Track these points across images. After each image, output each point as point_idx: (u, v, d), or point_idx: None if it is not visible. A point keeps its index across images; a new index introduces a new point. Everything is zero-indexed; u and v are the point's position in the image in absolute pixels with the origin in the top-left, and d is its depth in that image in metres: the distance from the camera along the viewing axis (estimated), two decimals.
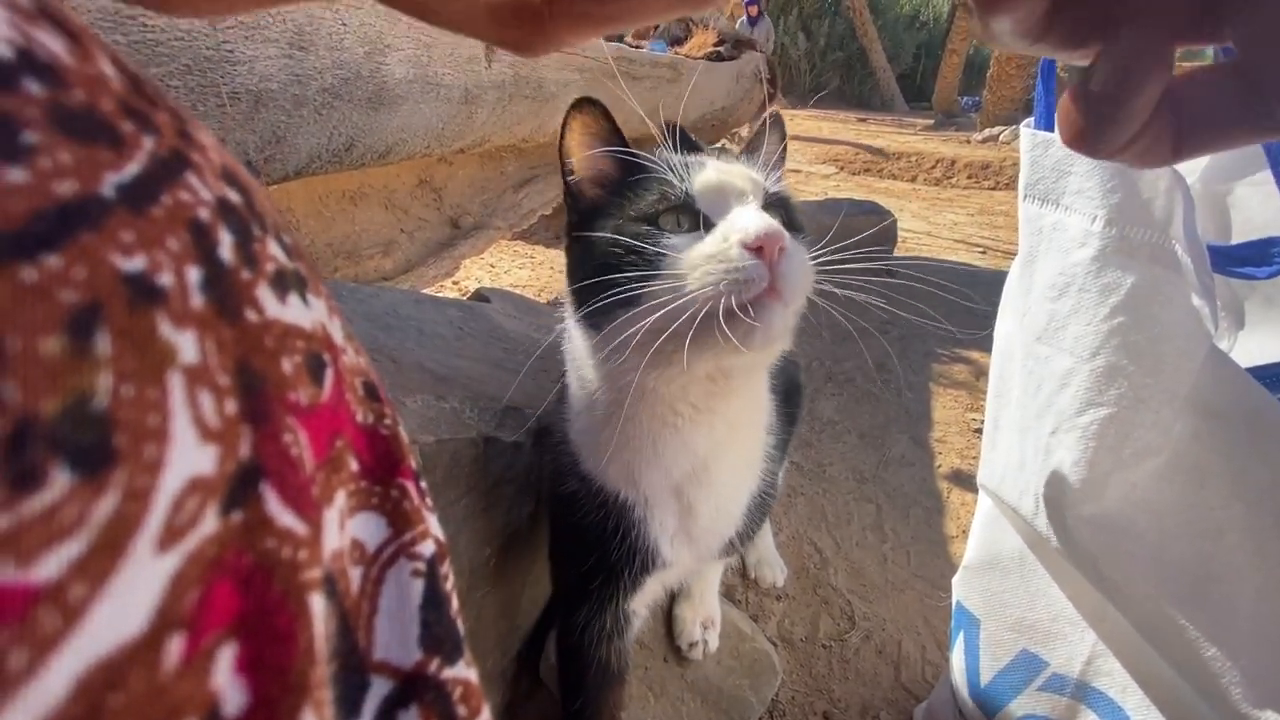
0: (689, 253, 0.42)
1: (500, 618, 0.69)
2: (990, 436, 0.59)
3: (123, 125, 0.14)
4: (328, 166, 0.87)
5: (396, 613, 0.20)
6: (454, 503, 0.61)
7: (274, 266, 0.16)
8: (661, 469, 0.51)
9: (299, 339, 0.17)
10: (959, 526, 1.14)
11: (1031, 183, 0.49)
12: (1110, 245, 0.43)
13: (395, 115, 0.92)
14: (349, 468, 0.19)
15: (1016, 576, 0.58)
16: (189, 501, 0.13)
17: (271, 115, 0.74)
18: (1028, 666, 0.58)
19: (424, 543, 0.21)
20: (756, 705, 0.74)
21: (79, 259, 0.12)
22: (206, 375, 0.14)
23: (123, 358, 0.12)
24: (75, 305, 0.12)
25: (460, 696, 0.21)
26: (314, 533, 0.16)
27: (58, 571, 0.11)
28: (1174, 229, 0.40)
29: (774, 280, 0.40)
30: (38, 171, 0.12)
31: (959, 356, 1.84)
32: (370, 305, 0.77)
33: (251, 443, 0.14)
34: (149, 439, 0.12)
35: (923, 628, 0.93)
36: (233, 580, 0.13)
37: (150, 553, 0.12)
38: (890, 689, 0.84)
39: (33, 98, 0.12)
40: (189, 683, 0.12)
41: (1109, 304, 0.43)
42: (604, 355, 0.47)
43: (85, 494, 0.11)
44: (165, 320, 0.13)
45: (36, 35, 0.13)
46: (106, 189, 0.13)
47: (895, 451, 1.35)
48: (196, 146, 0.16)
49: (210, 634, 0.13)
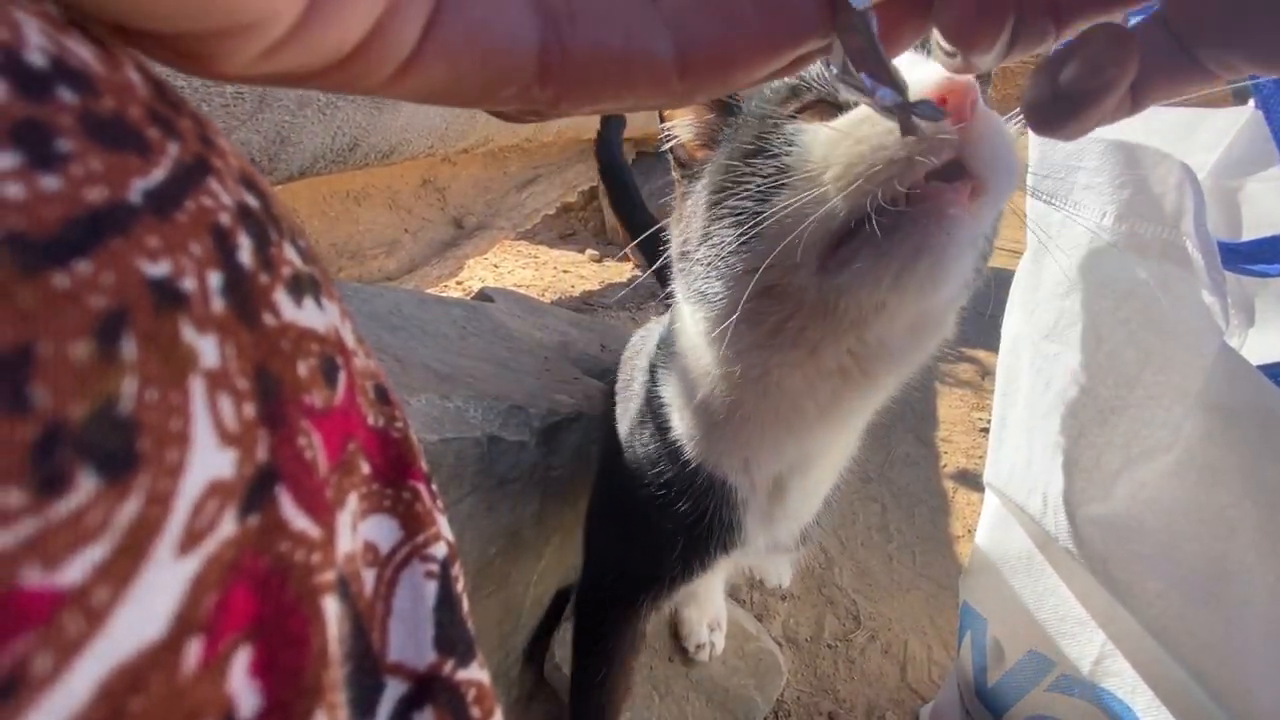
0: (823, 132, 0.30)
1: (504, 617, 0.69)
2: (997, 435, 0.59)
3: (149, 132, 0.14)
4: (332, 167, 0.87)
5: (410, 614, 0.20)
6: (458, 502, 0.61)
7: (290, 270, 0.17)
8: (773, 461, 0.47)
9: (314, 342, 0.17)
10: (964, 526, 1.13)
11: (1039, 179, 0.49)
12: (1120, 241, 0.42)
13: (398, 115, 0.92)
14: (361, 470, 0.19)
15: (1024, 576, 0.58)
16: (209, 505, 0.13)
17: (276, 115, 0.74)
18: (1036, 667, 0.58)
19: (436, 545, 0.21)
20: (761, 705, 0.74)
21: (108, 265, 0.12)
22: (226, 379, 0.14)
23: (147, 362, 0.12)
24: (103, 310, 0.12)
25: (474, 698, 0.21)
26: (328, 535, 0.16)
27: (82, 575, 0.11)
28: (1185, 224, 0.40)
29: (968, 154, 0.26)
30: (70, 179, 0.12)
31: (964, 355, 1.83)
32: (374, 305, 0.77)
33: (268, 446, 0.14)
34: (171, 443, 0.12)
35: (928, 627, 0.93)
36: (249, 583, 0.14)
37: (171, 556, 0.12)
38: (896, 689, 0.83)
39: (66, 105, 0.12)
40: (206, 686, 0.12)
41: (1118, 300, 0.43)
42: (717, 335, 0.38)
43: (110, 498, 0.11)
44: (188, 324, 0.13)
45: (68, 44, 0.13)
46: (134, 195, 0.13)
47: (900, 451, 1.34)
48: (217, 152, 0.16)
49: (227, 637, 0.13)
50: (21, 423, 0.10)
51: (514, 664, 0.72)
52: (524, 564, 0.70)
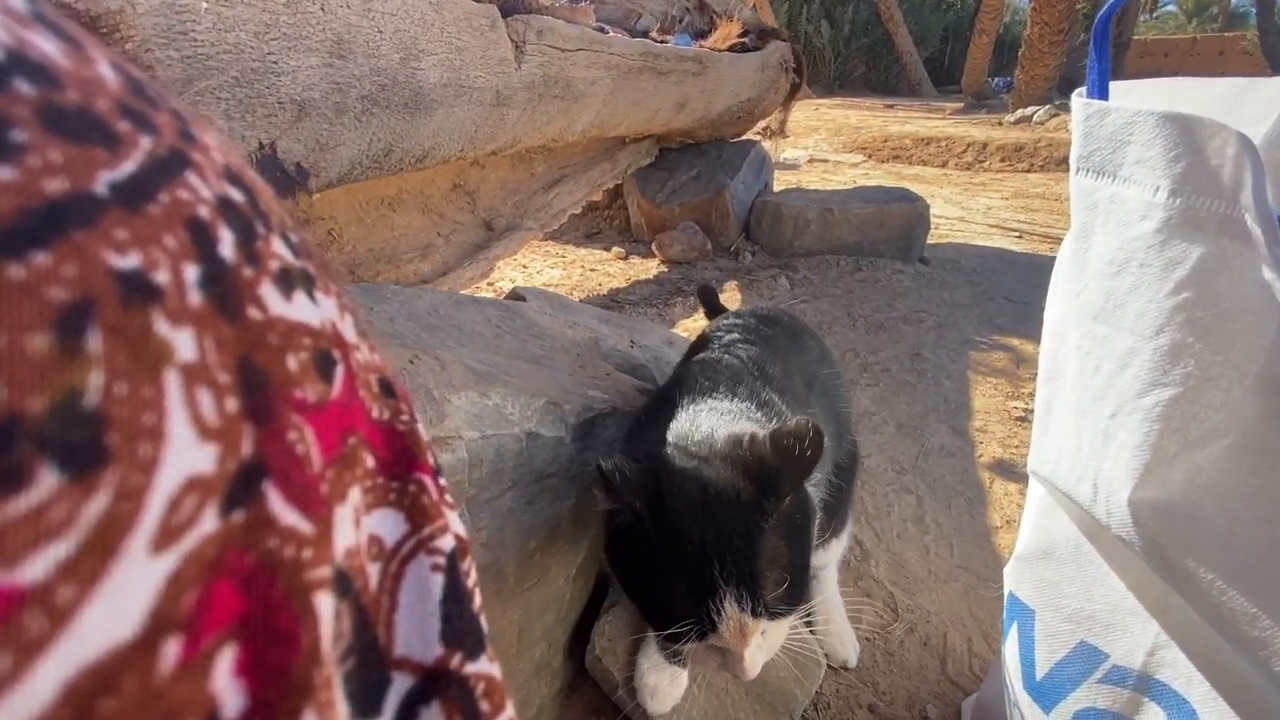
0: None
1: (545, 610, 0.70)
2: (1042, 421, 0.58)
3: (118, 125, 0.14)
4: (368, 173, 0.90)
5: (416, 608, 0.20)
6: (498, 497, 0.62)
7: (279, 264, 0.16)
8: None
9: (306, 336, 0.16)
10: (1003, 517, 1.11)
11: (1085, 155, 0.47)
12: (1174, 217, 0.41)
13: (431, 119, 0.93)
14: (364, 464, 0.18)
15: (1073, 565, 0.57)
16: (187, 501, 0.13)
17: (315, 124, 0.76)
18: (1086, 658, 0.57)
19: (443, 537, 0.21)
20: (801, 698, 0.74)
21: (69, 256, 0.12)
22: (205, 373, 0.13)
23: (115, 355, 0.12)
24: (65, 303, 0.11)
25: (483, 692, 0.21)
26: (321, 531, 0.16)
27: (44, 573, 0.10)
28: (1244, 198, 0.38)
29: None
30: (26, 169, 0.12)
31: (998, 344, 1.79)
32: (414, 306, 0.79)
33: (254, 441, 0.14)
34: (143, 437, 0.12)
35: (968, 620, 0.91)
36: (234, 580, 0.13)
37: (145, 553, 0.12)
38: (936, 681, 0.82)
39: (22, 96, 0.12)
40: (187, 686, 0.12)
41: (1173, 279, 0.41)
42: None
43: (75, 493, 0.11)
44: (161, 318, 0.13)
45: (29, 37, 0.13)
46: (99, 187, 0.13)
47: (935, 442, 1.32)
48: (199, 146, 0.16)
49: (210, 636, 0.13)
50: None
51: (555, 655, 0.73)
52: (564, 557, 0.71)
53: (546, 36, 1.14)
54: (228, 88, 0.65)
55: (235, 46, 0.65)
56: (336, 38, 0.76)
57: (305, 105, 0.74)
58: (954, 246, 2.64)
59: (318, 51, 0.74)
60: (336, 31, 0.76)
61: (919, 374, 1.59)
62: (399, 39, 0.84)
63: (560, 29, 1.16)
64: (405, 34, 0.85)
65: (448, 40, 0.93)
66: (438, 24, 0.90)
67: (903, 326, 1.86)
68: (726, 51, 2.06)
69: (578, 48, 1.22)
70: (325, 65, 0.75)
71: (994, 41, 8.11)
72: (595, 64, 1.32)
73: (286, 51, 0.70)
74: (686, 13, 2.28)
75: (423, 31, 0.88)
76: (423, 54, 0.88)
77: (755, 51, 2.22)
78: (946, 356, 1.70)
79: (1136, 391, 0.44)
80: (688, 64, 1.78)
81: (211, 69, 0.63)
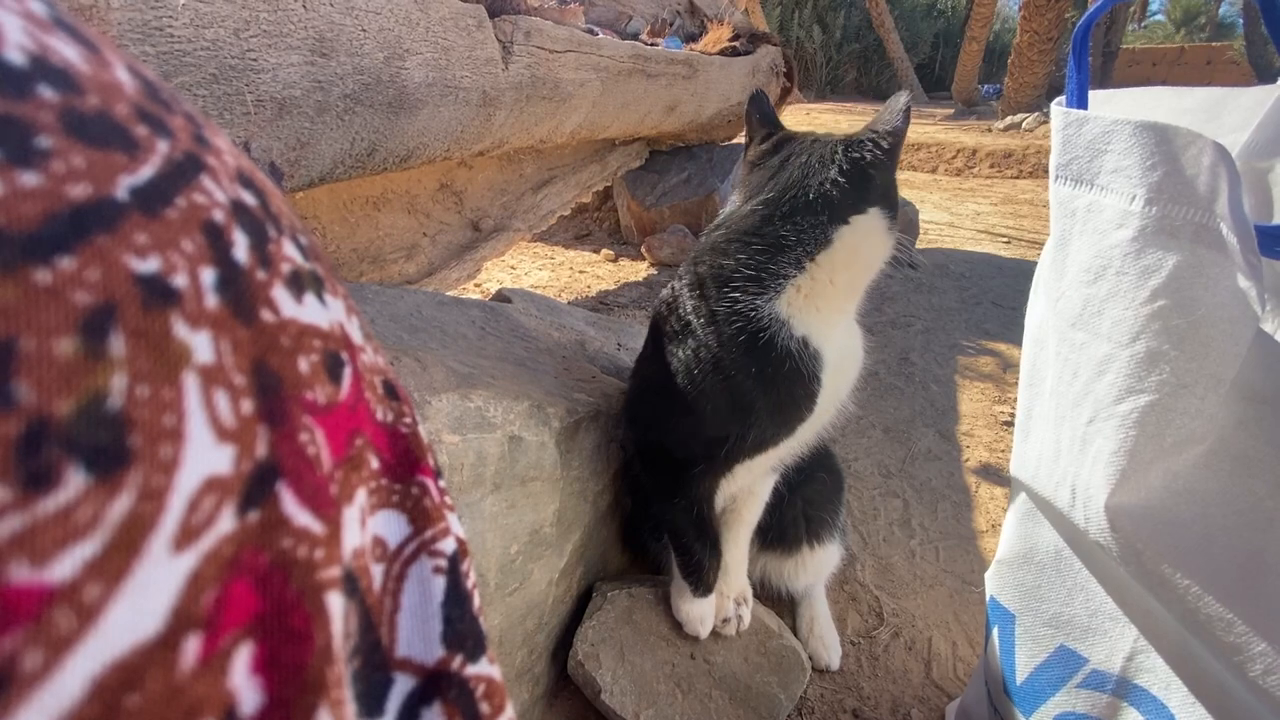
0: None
1: (527, 615, 0.69)
2: (1023, 427, 0.58)
3: (137, 129, 0.14)
4: (351, 172, 0.89)
5: (419, 610, 0.20)
6: (480, 501, 0.61)
7: (290, 267, 0.16)
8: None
9: (316, 338, 0.17)
10: (989, 521, 1.12)
11: (1064, 163, 0.48)
12: (1150, 226, 0.41)
13: (415, 119, 0.93)
14: (369, 466, 0.19)
15: (1053, 570, 0.57)
16: (205, 501, 0.13)
17: (295, 122, 0.75)
18: (1066, 663, 0.57)
19: (445, 540, 0.21)
20: (785, 702, 0.73)
21: (92, 261, 0.12)
22: (222, 375, 0.14)
23: (137, 358, 0.12)
24: (89, 306, 0.12)
25: (483, 693, 0.21)
26: (332, 531, 0.16)
27: (72, 572, 0.11)
28: (1219, 207, 0.38)
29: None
30: (51, 175, 0.12)
31: (985, 349, 1.80)
32: (395, 307, 0.78)
33: (268, 442, 0.14)
34: (164, 439, 0.12)
35: (953, 624, 0.91)
36: (250, 579, 0.14)
37: (167, 552, 0.12)
38: (921, 686, 0.82)
39: (46, 103, 0.12)
40: (206, 683, 0.12)
41: (1149, 287, 0.42)
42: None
43: (100, 494, 0.11)
44: (180, 321, 0.13)
45: (51, 43, 0.13)
46: (120, 192, 0.13)
47: (921, 446, 1.33)
48: (212, 150, 0.16)
49: (228, 634, 0.13)
50: (4, 419, 0.10)
51: (537, 661, 0.72)
52: (546, 562, 0.70)
53: (535, 37, 1.13)
54: (205, 84, 0.64)
55: (213, 43, 0.64)
56: (319, 35, 0.75)
57: (286, 103, 0.73)
58: (942, 251, 2.66)
59: (299, 49, 0.73)
60: (319, 29, 0.75)
61: (906, 378, 1.59)
62: (383, 38, 0.83)
63: (549, 30, 1.16)
64: (390, 33, 0.84)
65: (433, 40, 0.92)
66: (423, 23, 0.89)
67: (890, 331, 1.87)
68: (717, 55, 2.07)
69: (566, 49, 1.21)
70: (307, 63, 0.74)
71: (984, 49, 8.21)
72: (584, 66, 1.31)
73: (266, 49, 0.69)
74: (677, 16, 2.29)
75: (408, 31, 0.87)
76: (408, 53, 0.88)
77: (746, 55, 2.23)
78: (934, 361, 1.71)
79: (1113, 398, 0.44)
80: (678, 67, 1.79)
81: (188, 65, 0.62)
